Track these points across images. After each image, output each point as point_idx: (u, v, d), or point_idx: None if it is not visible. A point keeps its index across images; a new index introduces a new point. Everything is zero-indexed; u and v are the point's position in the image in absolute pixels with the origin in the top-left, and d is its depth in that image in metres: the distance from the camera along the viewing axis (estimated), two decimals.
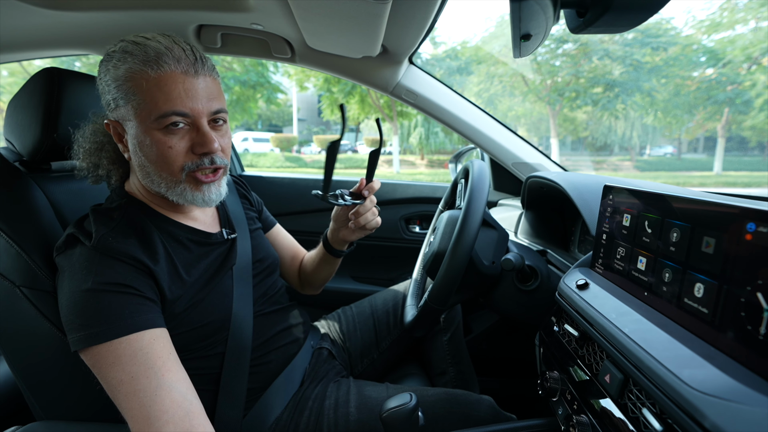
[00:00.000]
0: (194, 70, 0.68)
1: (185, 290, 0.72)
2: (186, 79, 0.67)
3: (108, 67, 0.67)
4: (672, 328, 0.46)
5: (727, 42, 14.27)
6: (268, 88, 14.43)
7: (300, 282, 1.13)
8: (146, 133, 0.67)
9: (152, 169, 0.70)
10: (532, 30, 0.50)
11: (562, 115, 16.82)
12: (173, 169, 0.70)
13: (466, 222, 0.73)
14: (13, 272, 0.74)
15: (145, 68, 0.65)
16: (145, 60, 0.65)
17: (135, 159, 0.71)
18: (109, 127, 0.72)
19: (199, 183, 0.72)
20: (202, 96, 0.69)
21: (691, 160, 20.24)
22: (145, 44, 0.66)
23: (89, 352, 0.61)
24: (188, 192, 0.72)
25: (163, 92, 0.65)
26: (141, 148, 0.69)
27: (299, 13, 0.91)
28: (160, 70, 0.65)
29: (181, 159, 0.70)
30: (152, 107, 0.66)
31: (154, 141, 0.67)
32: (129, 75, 0.66)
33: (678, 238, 0.47)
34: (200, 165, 0.71)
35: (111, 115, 0.71)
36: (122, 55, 0.66)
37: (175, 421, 0.58)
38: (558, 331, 0.70)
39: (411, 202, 1.68)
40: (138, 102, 0.66)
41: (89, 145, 0.76)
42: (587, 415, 0.56)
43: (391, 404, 0.65)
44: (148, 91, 0.65)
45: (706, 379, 0.37)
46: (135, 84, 0.65)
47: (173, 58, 0.66)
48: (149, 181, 0.72)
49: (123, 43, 0.68)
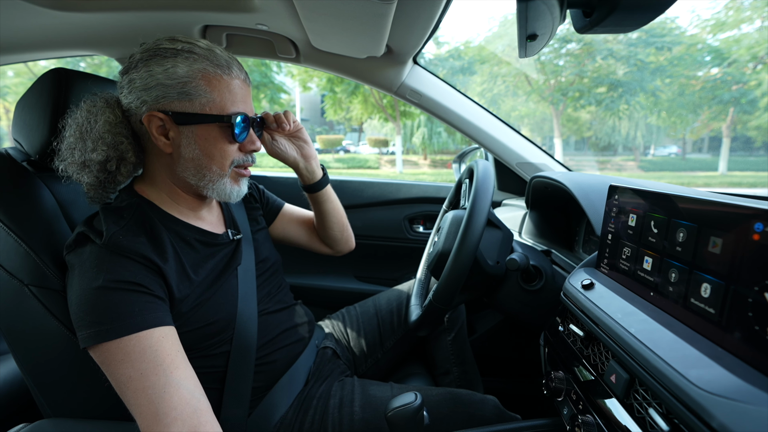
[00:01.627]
0: (248, 81, 0.79)
1: (192, 289, 0.73)
2: (245, 87, 0.77)
3: (174, 63, 0.70)
4: (678, 328, 0.46)
5: (733, 41, 14.18)
6: (271, 88, 14.47)
7: (326, 243, 1.13)
8: (210, 128, 0.72)
9: (204, 161, 0.74)
10: (539, 30, 0.50)
11: (566, 115, 16.77)
12: (225, 163, 0.76)
13: (470, 221, 0.73)
14: (21, 271, 0.75)
15: (220, 72, 0.72)
16: (218, 65, 0.72)
17: (187, 152, 0.73)
18: (150, 120, 0.70)
19: (239, 177, 0.80)
20: (249, 101, 0.79)
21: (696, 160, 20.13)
22: (213, 50, 0.73)
23: (98, 349, 0.62)
24: (228, 185, 0.78)
25: (232, 95, 0.73)
26: (200, 141, 0.73)
27: (304, 14, 0.92)
28: (230, 76, 0.73)
29: (233, 154, 0.77)
30: (222, 106, 0.72)
31: (217, 135, 0.73)
32: (203, 74, 0.71)
33: (684, 238, 0.47)
34: (246, 161, 0.80)
35: (160, 107, 0.70)
36: (191, 55, 0.71)
37: (183, 418, 0.59)
38: (563, 331, 0.70)
39: (414, 202, 1.68)
40: (208, 99, 0.71)
41: (109, 136, 0.71)
42: (593, 415, 0.56)
43: (396, 403, 0.65)
44: (219, 91, 0.72)
45: (714, 379, 0.37)
46: (208, 83, 0.71)
47: (237, 68, 0.76)
48: (193, 173, 0.75)
49: (185, 43, 0.72)
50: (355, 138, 26.03)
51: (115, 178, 0.75)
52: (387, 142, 21.25)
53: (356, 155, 21.26)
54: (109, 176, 0.74)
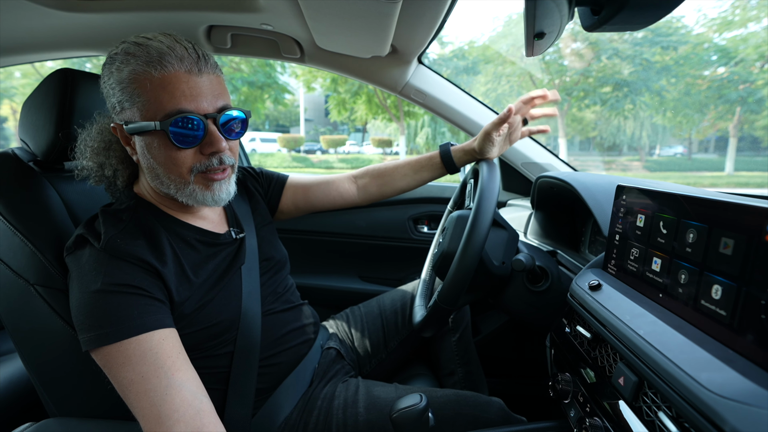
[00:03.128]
0: (197, 69, 0.67)
1: (193, 291, 0.72)
2: (190, 78, 0.66)
3: (111, 70, 0.67)
4: (688, 330, 0.45)
5: (740, 40, 14.05)
6: (275, 88, 14.51)
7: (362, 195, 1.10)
8: (151, 136, 0.67)
9: (161, 171, 0.70)
10: (546, 28, 0.50)
11: (570, 114, 16.69)
12: (182, 170, 0.69)
13: (476, 221, 0.72)
14: (27, 270, 0.75)
15: (149, 69, 0.64)
16: (147, 61, 0.64)
17: (143, 161, 0.71)
18: (116, 130, 0.71)
19: (209, 182, 0.72)
20: (207, 94, 0.68)
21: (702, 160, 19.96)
22: (147, 45, 0.65)
23: (100, 353, 0.62)
24: (198, 193, 0.72)
25: (167, 92, 0.65)
26: (149, 151, 0.69)
27: (309, 13, 0.92)
28: (163, 70, 0.64)
29: (189, 160, 0.69)
30: (157, 108, 0.65)
31: (161, 143, 0.67)
32: (133, 77, 0.65)
33: (695, 238, 0.47)
34: (209, 166, 0.71)
35: (117, 118, 0.70)
36: (125, 57, 0.65)
37: (185, 419, 0.59)
38: (569, 332, 0.69)
39: (419, 202, 1.67)
40: (143, 103, 0.65)
41: (96, 144, 0.75)
42: (600, 418, 0.55)
43: (402, 405, 0.65)
44: (152, 91, 0.65)
45: (725, 382, 0.36)
46: (139, 85, 0.65)
47: (176, 57, 0.65)
48: (158, 183, 0.72)
49: (125, 44, 0.67)
50: (358, 138, 26.05)
51: (114, 183, 0.78)
52: (391, 142, 21.24)
53: (360, 155, 21.29)
54: (108, 181, 0.77)
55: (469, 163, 1.03)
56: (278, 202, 1.03)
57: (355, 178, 1.09)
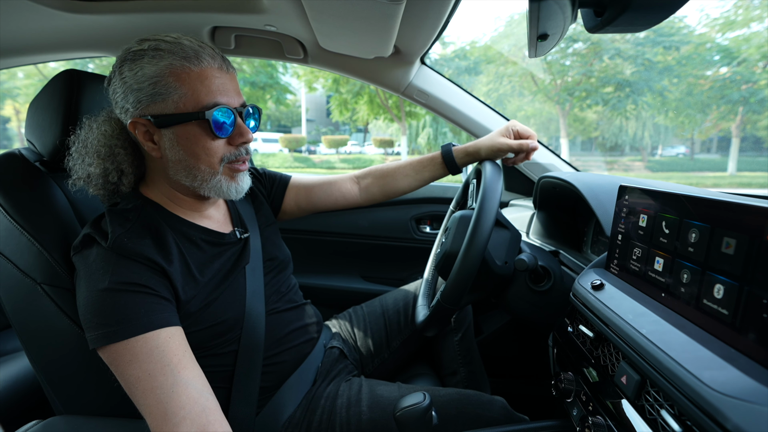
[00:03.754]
0: (225, 66, 0.72)
1: (198, 290, 0.73)
2: (221, 74, 0.71)
3: (140, 65, 0.67)
4: (690, 329, 0.46)
5: (742, 40, 13.99)
6: (277, 89, 14.55)
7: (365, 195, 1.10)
8: (188, 127, 0.69)
9: (192, 162, 0.72)
10: (550, 30, 0.50)
11: (572, 115, 16.65)
12: (213, 160, 0.72)
13: (479, 221, 0.73)
14: (34, 270, 0.76)
15: (187, 63, 0.68)
16: (184, 56, 0.68)
17: (172, 154, 0.71)
18: (135, 127, 0.70)
19: (234, 173, 0.76)
20: (232, 90, 0.73)
21: (705, 160, 19.89)
22: (179, 42, 0.69)
23: (107, 350, 0.62)
24: (224, 183, 0.75)
25: (204, 85, 0.69)
26: (180, 142, 0.70)
27: (312, 14, 0.92)
28: (201, 64, 0.68)
29: (221, 150, 0.73)
30: (196, 100, 0.68)
31: (198, 133, 0.70)
32: (169, 70, 0.67)
33: (697, 238, 0.47)
34: (238, 155, 0.75)
35: (138, 113, 0.69)
36: (156, 53, 0.67)
37: (191, 417, 0.59)
38: (572, 332, 0.69)
39: (421, 202, 1.68)
40: (180, 95, 0.68)
41: (104, 149, 0.73)
42: (603, 417, 0.55)
43: (405, 403, 0.65)
44: (190, 84, 0.68)
45: (728, 380, 0.37)
46: (176, 78, 0.67)
47: (209, 55, 0.70)
48: (185, 175, 0.73)
49: (152, 41, 0.69)
50: (360, 138, 26.06)
51: (118, 188, 0.77)
52: (392, 142, 21.25)
53: (362, 155, 21.29)
54: (113, 187, 0.76)
55: (470, 163, 1.03)
56: (281, 202, 1.04)
57: (357, 178, 1.10)
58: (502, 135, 0.99)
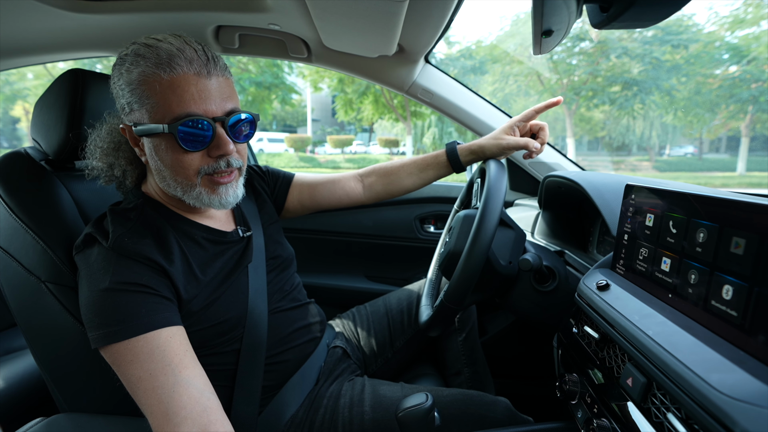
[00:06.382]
0: (207, 71, 0.67)
1: (200, 289, 0.73)
2: (199, 81, 0.66)
3: (121, 71, 0.67)
4: (698, 331, 0.45)
5: (752, 38, 13.82)
6: (282, 89, 14.60)
7: (368, 193, 1.09)
8: (159, 138, 0.67)
9: (168, 173, 0.70)
10: (554, 26, 0.49)
11: (579, 114, 16.54)
12: (188, 173, 0.69)
13: (483, 220, 0.72)
14: (38, 268, 0.76)
15: (158, 71, 0.64)
16: (157, 63, 0.64)
17: (152, 163, 0.72)
18: (125, 131, 0.72)
19: (216, 185, 0.72)
20: (215, 97, 0.68)
21: (713, 160, 19.67)
22: (157, 46, 0.65)
23: (108, 350, 0.62)
24: (204, 195, 0.72)
25: (176, 95, 0.65)
26: (157, 153, 0.69)
27: (316, 13, 0.92)
28: (172, 72, 0.64)
29: (196, 163, 0.69)
30: (166, 110, 0.65)
31: (168, 146, 0.68)
32: (142, 78, 0.65)
33: (705, 238, 0.46)
34: (216, 168, 0.71)
35: (126, 119, 0.70)
36: (134, 59, 0.65)
37: (193, 416, 0.59)
38: (577, 333, 0.68)
39: (425, 202, 1.67)
40: (152, 105, 0.65)
41: (106, 144, 0.76)
42: (608, 419, 0.55)
43: (408, 404, 0.65)
44: (161, 94, 0.65)
45: (737, 383, 0.36)
46: (148, 87, 0.65)
47: (185, 59, 0.65)
48: (165, 185, 0.73)
49: (135, 45, 0.67)
50: (365, 138, 26.08)
51: (124, 183, 0.79)
52: (397, 142, 21.23)
53: (367, 155, 21.30)
54: (118, 181, 0.78)
55: (475, 162, 1.02)
56: (284, 200, 1.04)
57: (361, 176, 1.09)
58: (506, 133, 0.98)
